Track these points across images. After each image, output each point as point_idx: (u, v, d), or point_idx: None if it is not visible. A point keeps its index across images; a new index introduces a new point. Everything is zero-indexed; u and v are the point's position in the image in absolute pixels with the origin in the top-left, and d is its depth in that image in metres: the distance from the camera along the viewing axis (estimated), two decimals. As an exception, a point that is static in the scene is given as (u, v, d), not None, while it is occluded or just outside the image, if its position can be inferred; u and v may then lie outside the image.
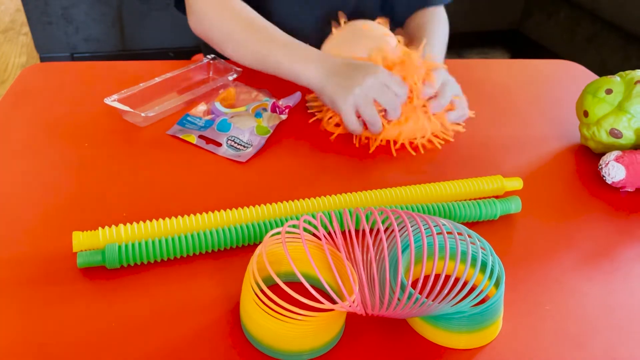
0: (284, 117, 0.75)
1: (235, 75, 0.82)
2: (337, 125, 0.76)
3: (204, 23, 0.82)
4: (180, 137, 0.71)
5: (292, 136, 0.74)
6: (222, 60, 0.85)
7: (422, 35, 0.89)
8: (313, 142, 0.73)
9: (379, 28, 0.81)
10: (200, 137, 0.71)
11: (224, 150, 0.69)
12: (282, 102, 0.77)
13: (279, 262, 0.50)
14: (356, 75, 0.70)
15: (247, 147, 0.69)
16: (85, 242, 0.51)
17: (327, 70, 0.72)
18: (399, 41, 0.80)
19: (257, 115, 0.74)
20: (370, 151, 0.72)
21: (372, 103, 0.69)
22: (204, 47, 1.06)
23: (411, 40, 0.90)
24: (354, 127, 0.71)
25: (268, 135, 0.72)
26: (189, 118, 0.74)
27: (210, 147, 0.69)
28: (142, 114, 0.70)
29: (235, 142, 0.70)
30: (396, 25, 1.00)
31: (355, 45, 0.78)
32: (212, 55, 0.85)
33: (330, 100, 0.72)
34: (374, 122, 0.70)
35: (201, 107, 0.76)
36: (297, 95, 0.79)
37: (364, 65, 0.72)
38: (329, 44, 0.82)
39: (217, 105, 0.75)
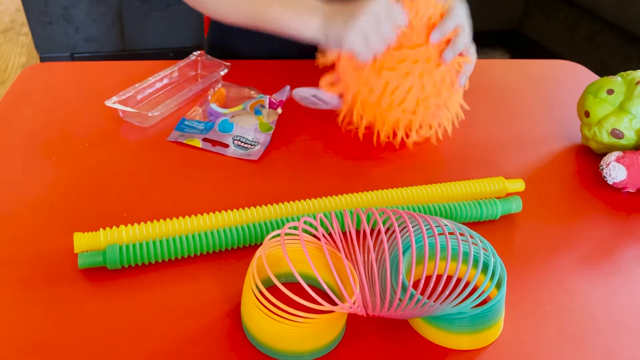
0: (279, 111, 0.75)
1: (226, 71, 0.82)
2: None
3: None
4: (184, 142, 0.70)
5: (291, 134, 0.74)
6: (209, 56, 0.85)
7: None
8: (313, 141, 0.73)
9: None
10: (205, 140, 0.70)
11: (233, 151, 0.69)
12: (275, 97, 0.77)
13: (281, 263, 0.49)
14: (355, 8, 0.68)
15: (255, 145, 0.69)
16: (87, 243, 0.51)
17: (327, 17, 0.70)
18: None
19: (257, 112, 0.74)
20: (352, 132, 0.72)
21: (378, 28, 0.67)
22: (206, 47, 1.06)
23: None
24: (365, 57, 0.68)
25: (271, 131, 0.72)
26: (186, 122, 0.73)
27: (218, 149, 0.69)
28: (149, 114, 0.71)
29: (242, 142, 0.69)
30: None
31: None
32: (198, 52, 0.85)
33: (337, 40, 0.69)
34: (380, 48, 0.68)
35: (196, 111, 0.76)
36: (287, 89, 0.79)
37: (357, 5, 0.69)
38: None
39: (213, 106, 0.74)
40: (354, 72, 0.70)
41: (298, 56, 0.91)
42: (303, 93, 0.73)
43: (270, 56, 0.92)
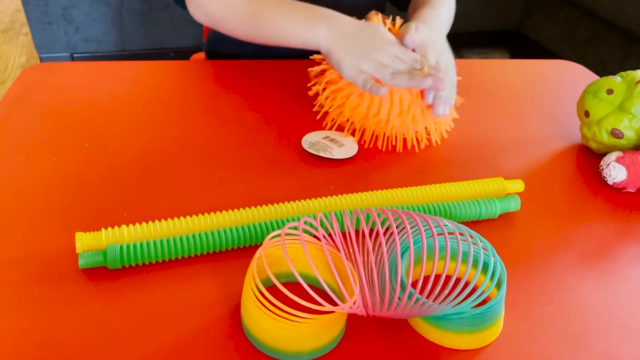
0: None
1: None
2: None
3: (204, 6, 0.81)
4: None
5: (290, 135, 0.74)
6: None
7: (421, 8, 0.85)
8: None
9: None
10: None
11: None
12: None
13: (281, 263, 0.49)
14: (365, 45, 0.70)
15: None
16: (89, 243, 0.51)
17: (337, 31, 0.72)
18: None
19: None
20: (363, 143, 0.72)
21: (395, 67, 0.69)
22: (205, 47, 1.06)
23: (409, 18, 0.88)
24: (371, 89, 0.69)
25: None
26: None
27: None
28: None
29: None
30: (399, 8, 0.98)
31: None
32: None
33: (336, 64, 0.71)
34: (374, 92, 0.69)
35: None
36: None
37: (373, 34, 0.71)
38: None
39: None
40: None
41: (297, 56, 0.91)
42: (312, 138, 0.72)
43: (269, 56, 0.92)
